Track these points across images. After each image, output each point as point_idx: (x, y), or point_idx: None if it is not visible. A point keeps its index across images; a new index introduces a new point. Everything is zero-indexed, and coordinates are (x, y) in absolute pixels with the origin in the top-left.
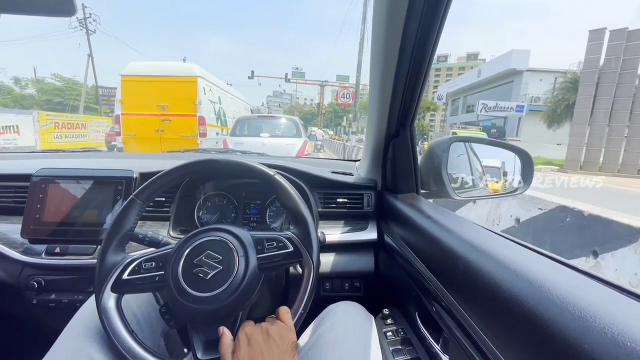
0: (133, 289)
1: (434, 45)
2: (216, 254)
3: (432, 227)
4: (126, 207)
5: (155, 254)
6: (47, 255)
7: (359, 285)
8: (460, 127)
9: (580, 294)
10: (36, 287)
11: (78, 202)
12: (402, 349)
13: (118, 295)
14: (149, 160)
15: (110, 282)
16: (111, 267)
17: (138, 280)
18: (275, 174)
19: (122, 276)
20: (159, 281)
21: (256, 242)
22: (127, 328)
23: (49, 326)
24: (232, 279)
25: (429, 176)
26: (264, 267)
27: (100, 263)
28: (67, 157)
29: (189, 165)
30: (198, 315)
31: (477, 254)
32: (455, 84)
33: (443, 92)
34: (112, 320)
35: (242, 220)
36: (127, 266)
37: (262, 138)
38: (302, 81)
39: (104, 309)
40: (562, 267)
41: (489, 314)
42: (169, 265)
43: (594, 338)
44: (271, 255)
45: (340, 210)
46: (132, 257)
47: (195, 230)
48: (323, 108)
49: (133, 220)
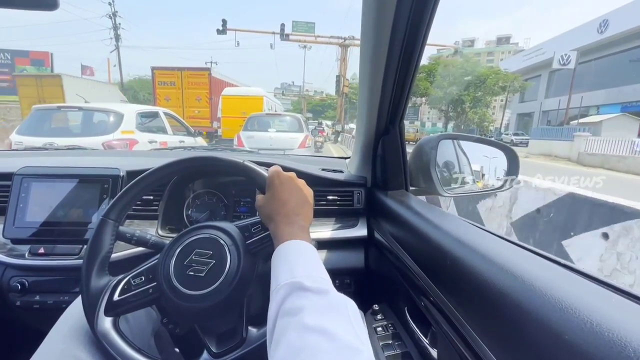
0: (128, 307)
1: (423, 43)
2: (205, 250)
3: (421, 223)
4: (98, 230)
5: (142, 268)
6: (31, 256)
7: (349, 282)
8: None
9: (562, 287)
10: (20, 288)
11: (63, 201)
12: (392, 343)
13: (113, 320)
14: (136, 157)
15: (102, 307)
16: (98, 293)
17: (131, 298)
18: (243, 161)
19: (113, 298)
20: (154, 292)
21: (242, 229)
22: (132, 347)
23: (33, 328)
24: (228, 269)
25: (418, 173)
26: (256, 251)
27: (86, 292)
28: (50, 155)
29: (156, 171)
30: (203, 313)
31: (464, 250)
32: (542, 51)
33: (561, 50)
34: (114, 344)
35: (232, 218)
36: (115, 287)
37: (270, 133)
38: (311, 37)
39: (102, 334)
40: (544, 260)
41: (475, 308)
42: (160, 275)
43: (574, 329)
44: (260, 238)
45: (330, 208)
46: (117, 278)
47: (178, 234)
48: (346, 86)
49: (109, 241)
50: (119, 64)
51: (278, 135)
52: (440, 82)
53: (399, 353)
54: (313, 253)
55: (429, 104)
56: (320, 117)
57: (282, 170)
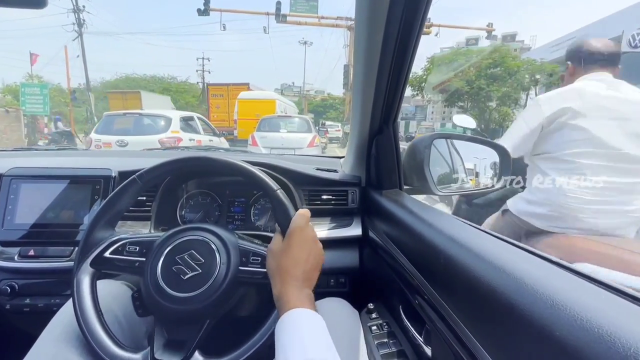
0: (111, 267)
1: (416, 42)
2: (200, 255)
3: (415, 222)
4: (126, 185)
5: (142, 238)
6: (21, 259)
7: (344, 281)
8: None
9: (553, 284)
10: (9, 291)
11: (53, 203)
12: (386, 342)
13: (95, 272)
14: (128, 158)
15: (91, 256)
16: (96, 242)
17: (118, 261)
18: (277, 189)
19: (104, 254)
20: (138, 267)
21: (242, 252)
22: (96, 308)
23: (24, 332)
24: (208, 286)
25: (412, 172)
26: (244, 282)
27: (87, 235)
28: (40, 156)
29: (194, 159)
30: (166, 312)
31: (457, 248)
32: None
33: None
34: (82, 295)
35: (226, 218)
36: (111, 244)
37: (281, 133)
38: (313, 19)
39: (78, 281)
40: (536, 258)
41: (469, 306)
42: (152, 255)
43: (565, 326)
44: (253, 271)
45: (325, 207)
46: (119, 236)
47: (185, 225)
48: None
49: (129, 200)
50: (83, 53)
51: (289, 136)
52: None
53: (394, 351)
54: (323, 328)
55: (445, 101)
56: (322, 118)
57: (308, 222)
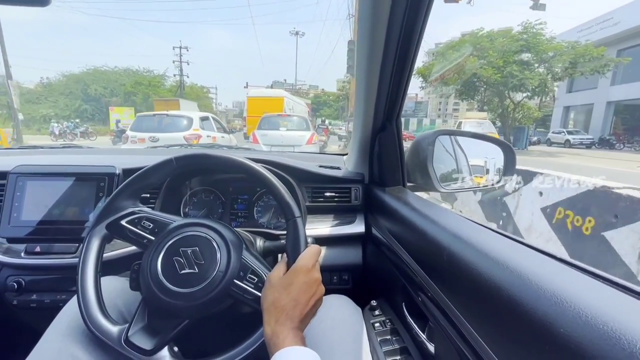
0: (123, 236)
1: (419, 40)
2: (202, 255)
3: (418, 219)
4: (162, 163)
5: (158, 217)
6: (27, 255)
7: (347, 278)
8: None
9: (557, 281)
10: (16, 287)
11: (58, 200)
12: (389, 339)
13: (107, 234)
14: (132, 156)
15: (110, 219)
16: (118, 209)
17: (130, 232)
18: (298, 217)
19: (122, 221)
20: (145, 244)
21: (242, 265)
22: (96, 268)
23: (30, 327)
24: (198, 289)
25: (415, 169)
26: (233, 295)
27: (113, 199)
28: (45, 154)
29: (230, 162)
30: (151, 297)
31: (460, 245)
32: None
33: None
34: (89, 251)
35: (229, 215)
36: (130, 214)
37: (281, 131)
38: None
39: (89, 237)
40: (540, 254)
41: (472, 302)
42: (160, 237)
43: (569, 322)
44: (245, 289)
45: (328, 204)
46: (140, 208)
47: (202, 220)
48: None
49: (161, 177)
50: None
51: (288, 134)
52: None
53: (397, 348)
54: None
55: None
56: (316, 115)
57: (317, 262)
